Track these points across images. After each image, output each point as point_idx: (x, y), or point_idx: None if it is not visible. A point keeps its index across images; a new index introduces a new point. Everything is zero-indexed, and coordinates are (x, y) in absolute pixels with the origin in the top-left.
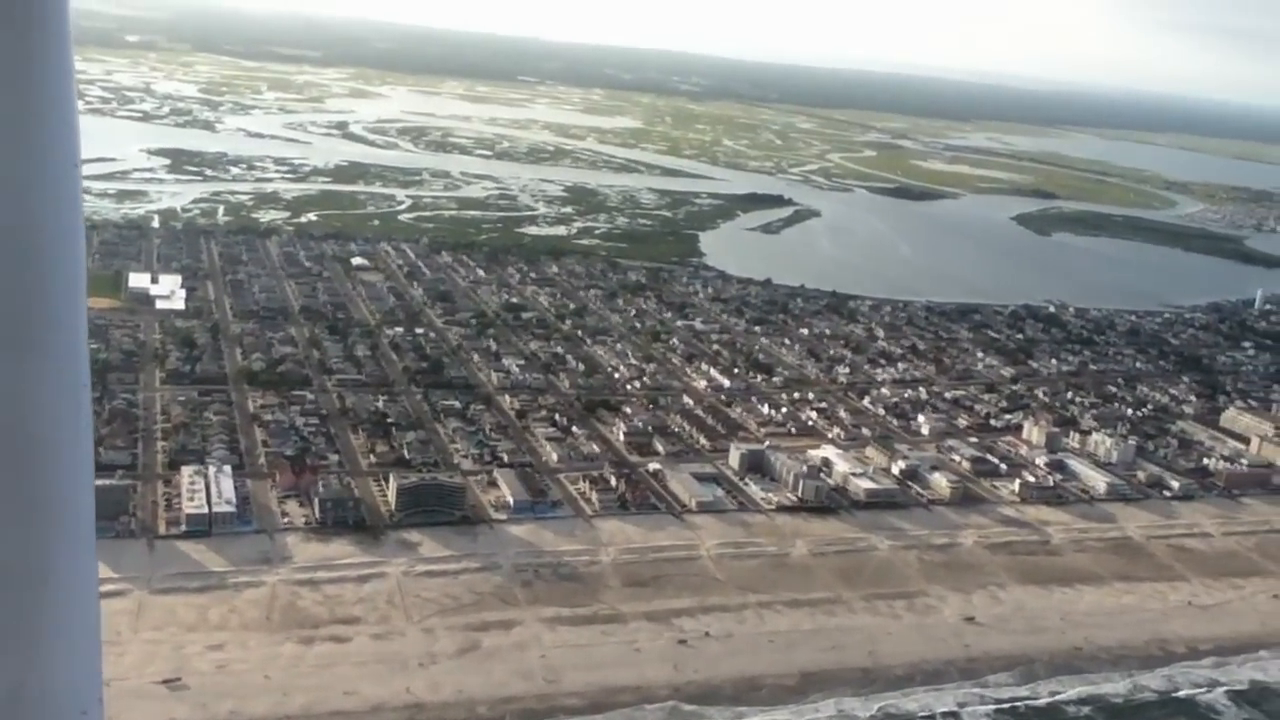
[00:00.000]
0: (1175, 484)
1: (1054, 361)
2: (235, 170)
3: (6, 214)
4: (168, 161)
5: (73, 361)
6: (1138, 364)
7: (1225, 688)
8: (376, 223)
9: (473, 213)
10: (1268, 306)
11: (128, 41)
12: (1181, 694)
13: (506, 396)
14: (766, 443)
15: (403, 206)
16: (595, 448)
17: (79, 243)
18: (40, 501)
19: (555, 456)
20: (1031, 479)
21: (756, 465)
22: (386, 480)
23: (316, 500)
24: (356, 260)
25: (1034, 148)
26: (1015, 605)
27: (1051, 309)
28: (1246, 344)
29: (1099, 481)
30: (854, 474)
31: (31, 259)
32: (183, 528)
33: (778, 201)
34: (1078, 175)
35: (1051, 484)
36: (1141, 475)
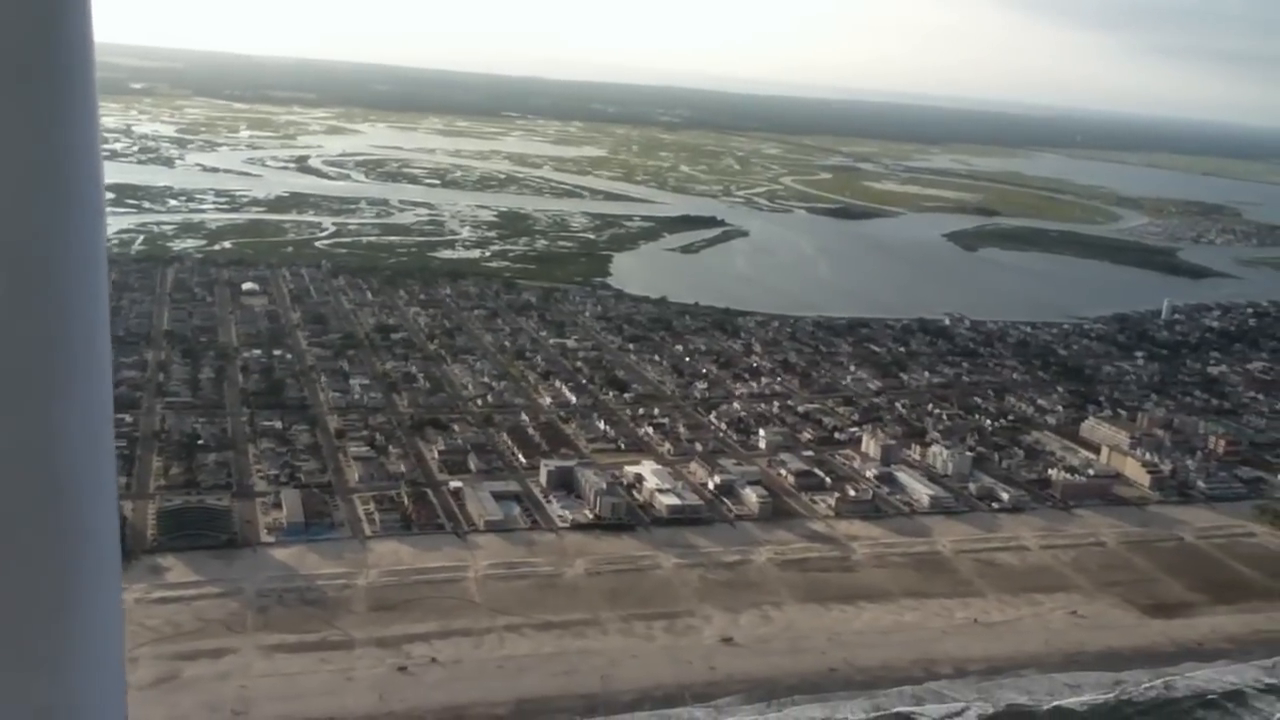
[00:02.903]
0: (1005, 496)
1: (926, 374)
2: (173, 202)
3: (37, 264)
4: (111, 196)
5: (98, 400)
6: (1015, 375)
7: (977, 710)
8: (290, 249)
9: (392, 238)
10: (1175, 316)
11: (130, 88)
12: (924, 717)
13: (335, 416)
14: (580, 459)
15: (325, 234)
16: (403, 467)
17: (103, 284)
18: (67, 533)
19: (357, 476)
20: (852, 492)
21: (564, 482)
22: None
23: None
24: (246, 285)
25: (996, 168)
26: (785, 625)
27: (946, 322)
28: (1139, 354)
29: (924, 494)
30: (660, 490)
31: (58, 299)
32: None
33: (709, 223)
34: (1030, 193)
35: (870, 497)
36: (973, 487)
